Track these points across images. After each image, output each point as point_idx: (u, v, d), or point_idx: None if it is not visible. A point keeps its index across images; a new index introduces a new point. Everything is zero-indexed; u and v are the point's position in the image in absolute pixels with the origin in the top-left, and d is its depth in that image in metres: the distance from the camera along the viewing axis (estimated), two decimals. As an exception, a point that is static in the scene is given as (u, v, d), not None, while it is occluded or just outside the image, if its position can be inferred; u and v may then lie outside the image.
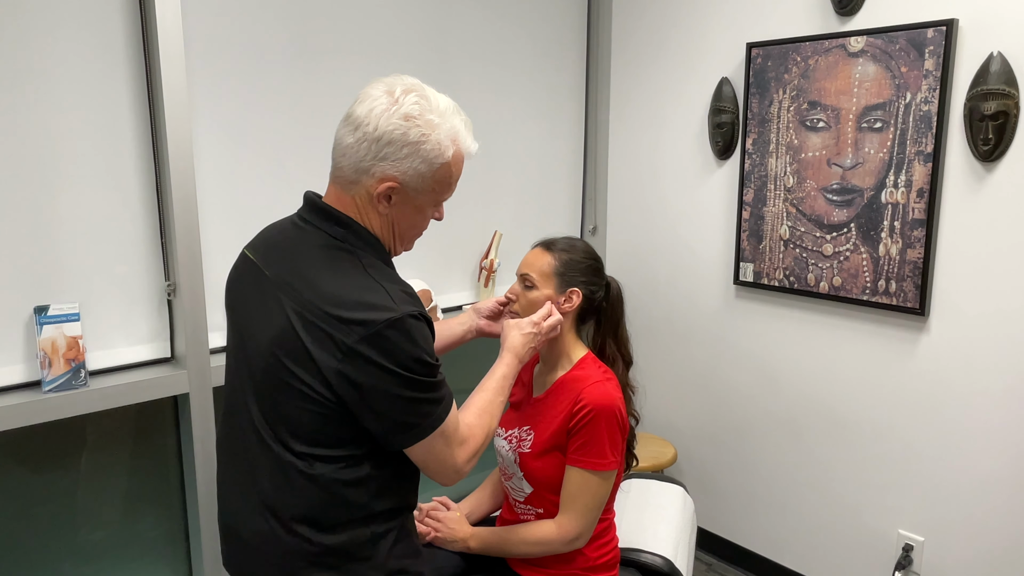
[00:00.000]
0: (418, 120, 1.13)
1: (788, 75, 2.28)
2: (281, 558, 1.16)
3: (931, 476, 2.15)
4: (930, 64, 1.98)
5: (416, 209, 1.20)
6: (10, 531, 1.82)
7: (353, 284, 1.11)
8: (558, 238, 1.62)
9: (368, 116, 1.12)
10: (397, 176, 1.13)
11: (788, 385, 2.45)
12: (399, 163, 1.13)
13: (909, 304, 2.09)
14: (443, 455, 1.18)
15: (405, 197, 1.16)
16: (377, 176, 1.13)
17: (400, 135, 1.12)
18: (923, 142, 2.01)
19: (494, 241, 2.59)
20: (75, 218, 1.76)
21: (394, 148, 1.12)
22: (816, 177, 2.25)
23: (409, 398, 1.11)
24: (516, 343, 1.44)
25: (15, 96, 1.64)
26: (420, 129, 1.13)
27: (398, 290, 1.12)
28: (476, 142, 1.24)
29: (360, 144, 1.13)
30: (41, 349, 1.71)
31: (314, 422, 1.12)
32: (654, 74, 2.71)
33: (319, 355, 1.08)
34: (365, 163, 1.13)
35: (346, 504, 1.15)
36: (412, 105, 1.13)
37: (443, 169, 1.17)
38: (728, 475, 2.68)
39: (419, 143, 1.13)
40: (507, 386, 1.39)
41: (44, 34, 1.67)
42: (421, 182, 1.15)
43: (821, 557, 2.44)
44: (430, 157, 1.14)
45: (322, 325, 1.08)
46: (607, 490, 1.54)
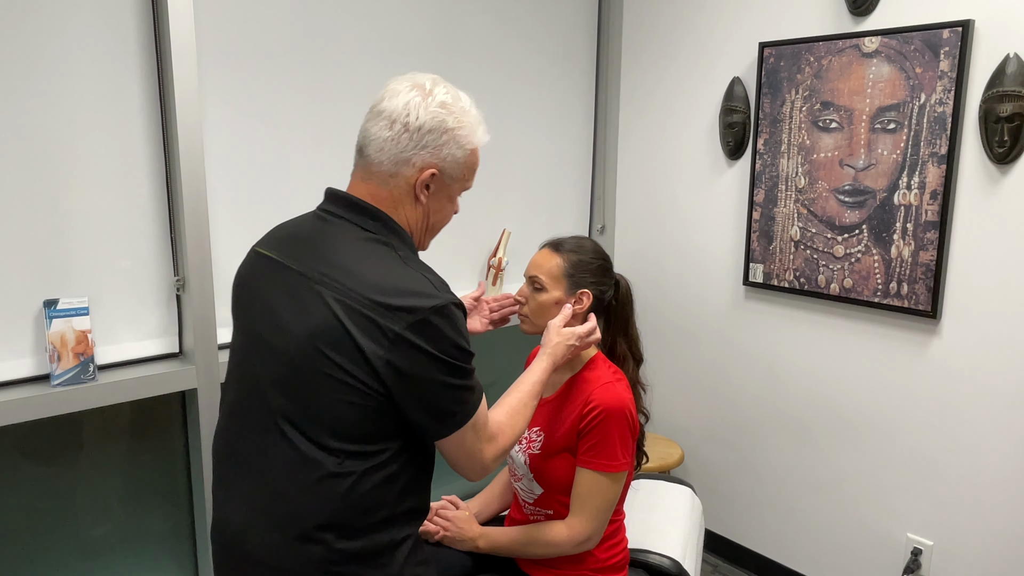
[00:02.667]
0: (453, 108, 1.19)
1: (801, 75, 2.26)
2: (295, 569, 1.13)
3: (941, 479, 2.14)
4: (945, 65, 1.96)
5: (448, 197, 1.25)
6: (18, 524, 1.82)
7: (394, 273, 1.13)
8: (566, 238, 1.61)
9: (406, 108, 1.16)
10: (437, 163, 1.18)
11: (797, 387, 2.44)
12: (439, 150, 1.18)
13: (921, 307, 2.08)
14: (473, 448, 1.20)
15: (441, 184, 1.21)
16: (418, 165, 1.17)
17: (439, 123, 1.17)
18: (937, 144, 2.00)
19: (502, 239, 2.58)
20: (85, 212, 1.75)
21: (434, 136, 1.17)
22: (828, 178, 2.24)
23: (450, 384, 1.13)
24: (558, 351, 1.45)
25: (26, 91, 1.64)
26: (456, 116, 1.19)
27: (437, 279, 1.16)
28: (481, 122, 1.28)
29: (400, 136, 1.16)
30: (50, 343, 1.71)
31: (354, 415, 1.11)
32: (665, 73, 2.70)
33: (366, 344, 1.08)
34: (406, 153, 1.17)
35: (371, 505, 1.14)
36: (445, 95, 1.20)
37: (472, 155, 1.23)
38: (735, 476, 2.67)
39: (455, 129, 1.18)
40: (540, 391, 1.39)
41: (56, 29, 1.66)
42: (456, 168, 1.21)
43: (828, 560, 2.43)
44: (464, 143, 1.20)
45: (368, 313, 1.08)
46: (618, 491, 1.53)
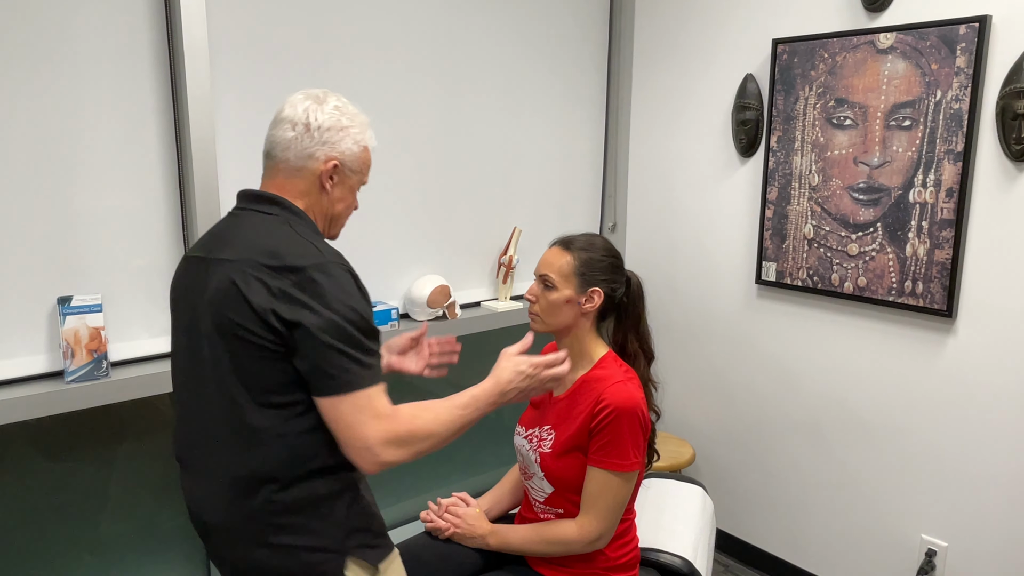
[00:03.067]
0: (345, 110, 1.34)
1: (815, 72, 2.24)
2: (247, 528, 1.22)
3: (956, 480, 2.11)
4: (962, 61, 1.94)
5: (349, 189, 1.36)
6: (30, 520, 1.84)
7: (284, 240, 1.23)
8: (576, 236, 1.60)
9: (305, 112, 1.31)
10: (338, 156, 1.32)
11: (810, 386, 2.42)
12: (338, 144, 1.31)
13: (936, 306, 2.06)
14: (353, 422, 1.17)
15: (343, 175, 1.34)
16: (322, 158, 1.30)
17: (336, 121, 1.32)
18: (953, 141, 1.98)
19: (513, 237, 2.58)
20: (98, 210, 1.77)
21: (332, 133, 1.31)
22: (842, 176, 2.22)
23: (329, 345, 1.16)
24: (503, 376, 1.35)
25: (40, 90, 1.65)
26: (348, 117, 1.33)
27: (327, 247, 1.25)
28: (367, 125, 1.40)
29: (303, 136, 1.30)
30: (64, 339, 1.72)
31: (266, 368, 1.19)
32: (677, 70, 2.69)
33: (257, 302, 1.17)
34: (310, 149, 1.30)
35: (302, 454, 1.21)
36: (336, 101, 1.35)
37: (366, 152, 1.36)
38: (747, 476, 2.65)
39: (350, 127, 1.33)
40: (473, 410, 1.29)
41: (69, 29, 1.67)
42: (354, 161, 1.34)
43: (841, 561, 2.41)
44: (358, 139, 1.34)
45: (257, 275, 1.18)
46: (629, 491, 1.53)
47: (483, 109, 2.47)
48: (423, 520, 1.67)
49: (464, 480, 2.77)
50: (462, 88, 2.40)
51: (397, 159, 2.27)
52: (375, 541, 1.29)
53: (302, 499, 1.21)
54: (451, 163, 2.42)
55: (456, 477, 2.75)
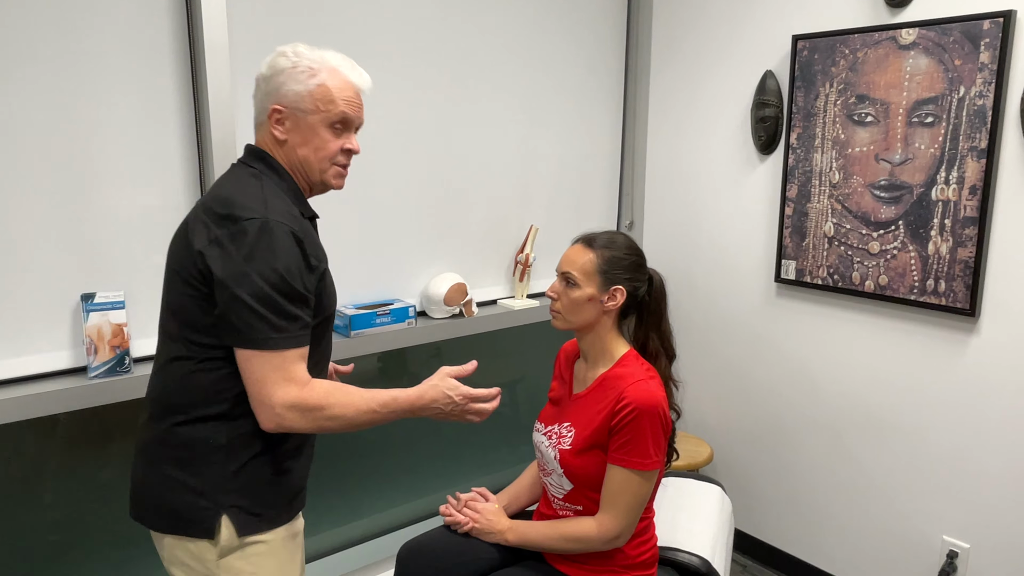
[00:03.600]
0: (287, 51, 1.31)
1: (835, 68, 2.22)
2: (149, 450, 1.30)
3: (978, 481, 2.09)
4: (986, 57, 1.92)
5: (309, 129, 1.31)
6: (54, 513, 1.86)
7: (240, 190, 1.26)
8: (599, 233, 1.59)
9: (260, 70, 1.33)
10: (278, 101, 1.30)
11: (830, 385, 2.40)
12: (278, 89, 1.30)
13: (959, 304, 2.03)
14: (262, 378, 1.20)
15: (295, 119, 1.31)
16: (267, 108, 1.31)
17: (274, 67, 1.31)
18: (977, 137, 1.96)
19: (530, 235, 2.58)
20: (120, 208, 1.79)
21: (274, 80, 1.30)
22: (863, 173, 2.20)
23: (238, 298, 1.18)
24: (430, 394, 1.33)
25: (63, 89, 1.67)
26: (289, 58, 1.30)
27: (279, 205, 1.25)
28: (365, 77, 1.37)
29: (257, 92, 1.34)
30: (87, 336, 1.74)
31: (192, 306, 1.24)
32: (695, 67, 2.67)
33: (194, 241, 1.23)
34: (262, 104, 1.33)
35: (203, 397, 1.25)
36: (286, 47, 1.33)
37: (320, 89, 1.30)
38: (765, 476, 2.64)
39: (290, 68, 1.29)
40: (389, 411, 1.28)
41: (92, 29, 1.69)
42: (302, 100, 1.29)
43: (860, 562, 2.39)
44: (303, 78, 1.29)
45: (204, 218, 1.24)
46: (649, 489, 1.52)
47: (501, 106, 2.47)
48: (442, 514, 1.68)
49: (481, 477, 2.77)
50: (480, 85, 2.40)
51: (415, 157, 2.27)
52: (257, 510, 1.28)
53: (198, 439, 1.25)
54: (468, 161, 2.42)
55: (473, 474, 2.76)
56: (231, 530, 1.26)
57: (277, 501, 1.32)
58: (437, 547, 1.62)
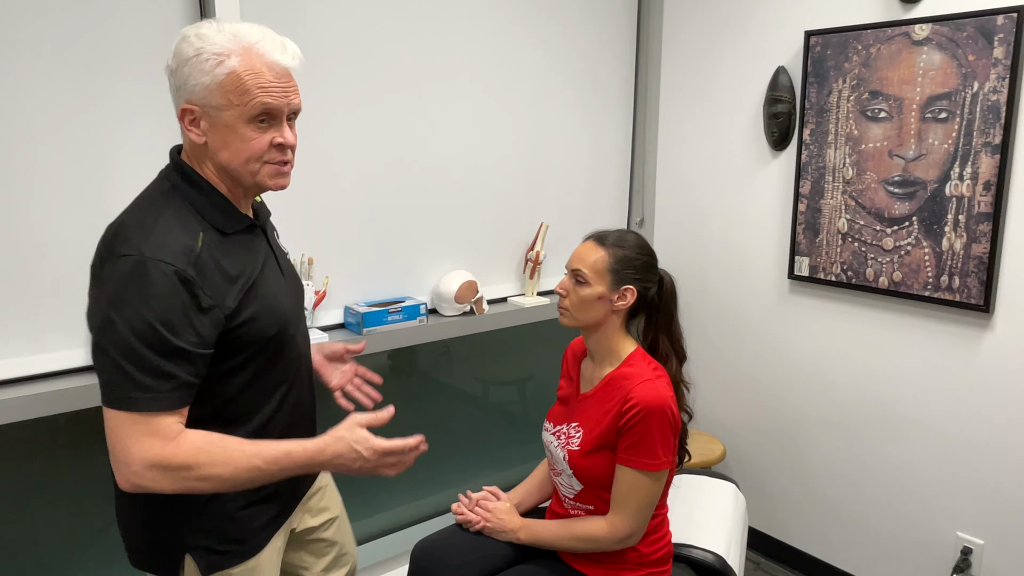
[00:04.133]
0: (190, 37, 1.09)
1: (848, 64, 2.21)
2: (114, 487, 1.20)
3: (993, 477, 2.08)
4: (999, 52, 1.90)
5: (227, 127, 1.11)
6: (61, 512, 1.87)
7: (134, 213, 1.12)
8: (610, 231, 1.58)
9: (168, 59, 1.13)
10: (188, 98, 1.10)
11: (843, 381, 2.39)
12: (185, 85, 1.09)
13: (973, 300, 2.02)
14: (120, 432, 1.04)
15: (208, 118, 1.11)
16: (179, 108, 1.12)
17: (179, 58, 1.09)
18: (991, 133, 1.94)
19: (540, 233, 2.58)
20: (136, 206, 1.79)
21: (180, 73, 1.09)
22: (877, 169, 2.19)
23: (101, 347, 1.04)
24: (335, 447, 1.15)
25: (76, 90, 1.68)
26: (192, 44, 1.08)
27: (168, 237, 1.07)
28: (291, 51, 1.16)
29: (170, 88, 1.13)
30: (102, 334, 1.75)
31: None
32: (706, 63, 2.67)
33: (91, 266, 1.12)
34: (174, 99, 1.13)
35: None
36: (189, 29, 1.11)
37: (231, 78, 1.08)
38: (778, 473, 2.63)
39: (193, 57, 1.08)
40: (280, 468, 1.11)
41: (104, 29, 1.70)
42: (211, 95, 1.09)
43: (874, 558, 2.38)
44: (208, 68, 1.08)
45: (100, 244, 1.12)
46: (659, 490, 1.52)
47: (511, 103, 2.47)
48: (454, 512, 1.68)
49: (491, 474, 2.78)
50: (491, 82, 2.40)
51: (426, 155, 2.27)
52: (221, 547, 1.19)
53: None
54: (479, 158, 2.42)
55: (484, 471, 2.76)
56: (195, 570, 1.19)
57: (245, 535, 1.22)
58: (451, 546, 1.62)
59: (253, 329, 1.15)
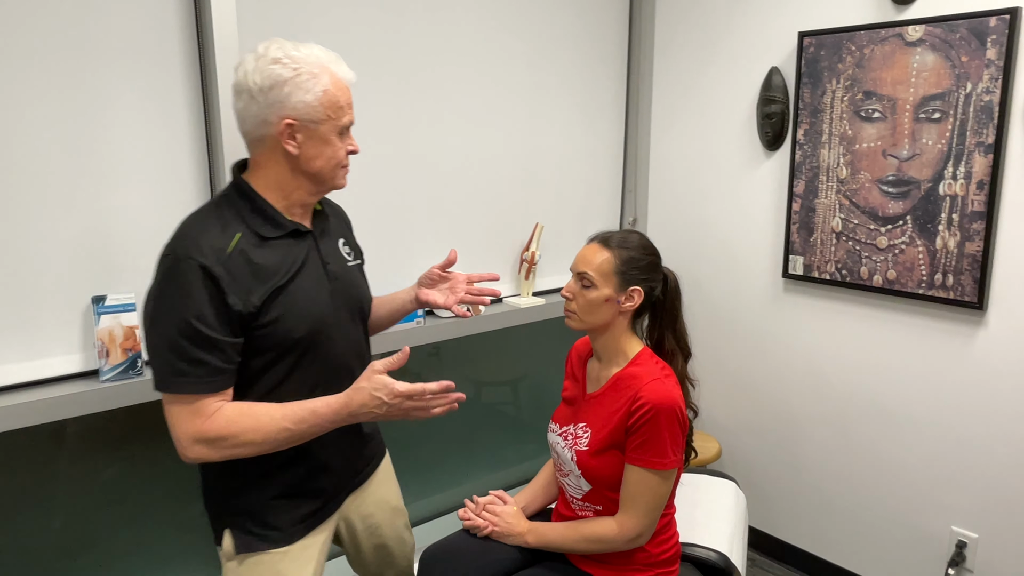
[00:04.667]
0: (284, 59, 1.22)
1: (842, 64, 2.23)
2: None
3: (986, 472, 2.11)
4: (992, 53, 1.93)
5: (322, 140, 1.27)
6: (63, 519, 1.84)
7: (188, 222, 1.25)
8: (614, 232, 1.58)
9: (245, 77, 1.23)
10: (289, 114, 1.23)
11: (838, 379, 2.42)
12: (286, 101, 1.22)
13: (967, 298, 2.05)
14: (169, 415, 1.22)
15: (307, 131, 1.25)
16: (274, 121, 1.23)
17: (275, 78, 1.21)
18: (984, 133, 1.97)
19: (535, 233, 2.57)
20: (130, 209, 1.77)
21: (276, 91, 1.21)
22: (871, 168, 2.21)
23: (151, 345, 1.20)
24: (357, 398, 1.23)
25: (71, 88, 1.65)
26: (290, 66, 1.22)
27: (206, 239, 1.20)
28: (351, 71, 1.31)
29: (249, 104, 1.23)
30: (99, 339, 1.72)
31: None
32: (699, 64, 2.68)
33: None
34: (262, 115, 1.23)
35: None
36: (277, 51, 1.23)
37: (327, 95, 1.24)
38: (774, 470, 2.65)
39: (293, 78, 1.21)
40: (309, 426, 1.22)
41: (100, 26, 1.67)
42: (312, 111, 1.24)
43: (870, 553, 2.41)
44: (308, 87, 1.22)
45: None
46: (668, 488, 1.52)
47: (504, 103, 2.47)
48: (461, 518, 1.67)
49: (486, 477, 2.77)
50: (483, 82, 2.39)
51: (420, 157, 2.26)
52: (255, 530, 1.33)
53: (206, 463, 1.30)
54: (473, 159, 2.41)
55: (479, 473, 2.75)
56: (231, 544, 1.34)
57: (279, 524, 1.34)
58: (459, 551, 1.61)
59: (279, 329, 1.25)
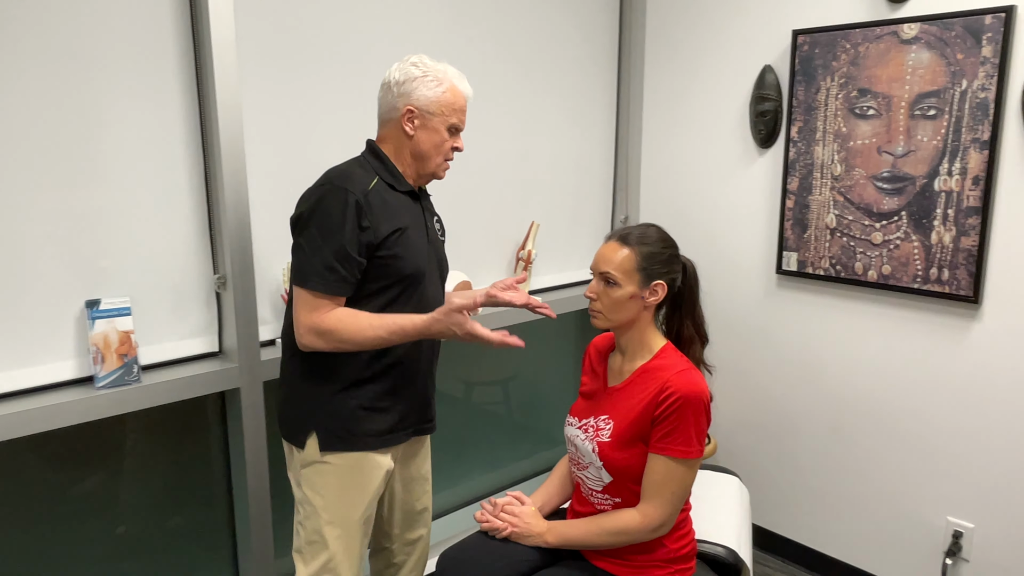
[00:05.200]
0: (417, 62, 1.58)
1: (836, 62, 2.26)
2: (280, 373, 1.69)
3: (982, 463, 2.15)
4: (987, 51, 1.97)
5: (433, 129, 1.58)
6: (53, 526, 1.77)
7: (341, 166, 1.57)
8: (632, 228, 1.58)
9: (389, 75, 1.60)
10: (412, 103, 1.56)
11: (833, 373, 2.44)
12: (412, 93, 1.56)
13: (962, 292, 2.09)
14: (296, 305, 1.50)
15: (423, 119, 1.57)
16: (400, 107, 1.57)
17: (408, 74, 1.57)
18: (979, 129, 2.01)
19: (531, 232, 2.56)
20: (123, 211, 1.71)
21: (406, 84, 1.56)
22: (865, 165, 2.24)
23: (297, 245, 1.50)
24: (434, 328, 1.49)
25: (64, 89, 1.59)
26: (421, 68, 1.57)
27: (355, 176, 1.51)
28: (470, 89, 1.63)
29: (387, 92, 1.60)
30: (93, 344, 1.66)
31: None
32: (690, 62, 2.69)
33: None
34: (392, 101, 1.58)
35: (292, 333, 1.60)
36: (415, 58, 1.60)
37: (447, 94, 1.57)
38: (770, 465, 2.67)
39: (422, 76, 1.56)
40: (399, 337, 1.48)
41: (92, 26, 1.61)
42: (430, 104, 1.56)
43: (867, 546, 2.45)
44: (432, 86, 1.56)
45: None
46: (692, 478, 1.52)
47: (497, 102, 2.45)
48: (478, 520, 1.65)
49: (479, 477, 2.75)
50: (479, 83, 2.37)
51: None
52: (340, 431, 1.56)
53: (298, 368, 1.59)
54: (468, 159, 2.38)
55: (474, 472, 2.73)
56: (315, 445, 1.56)
57: (356, 431, 1.57)
58: (477, 554, 1.59)
59: (394, 263, 1.53)
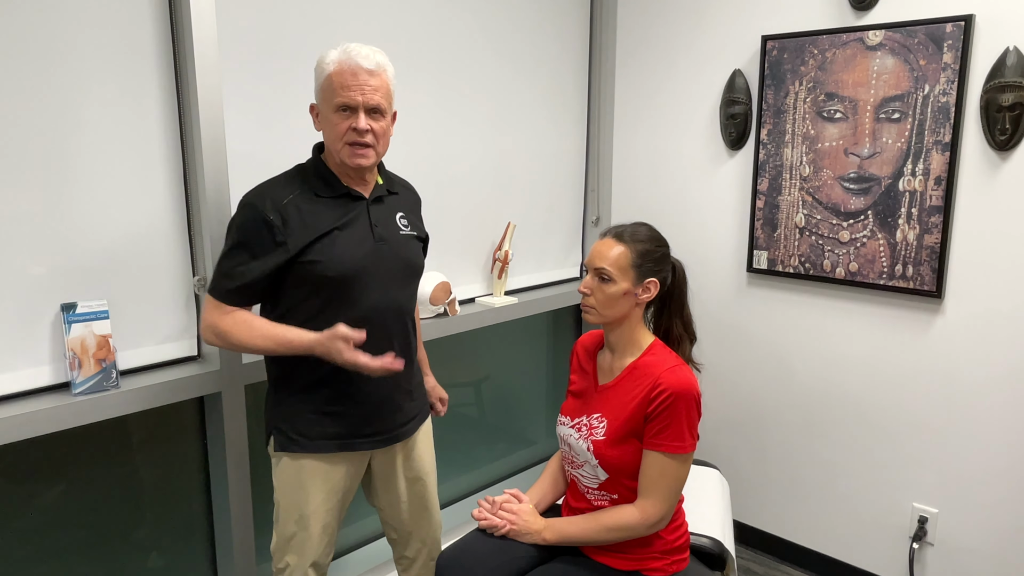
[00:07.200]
0: (320, 58, 1.55)
1: (805, 67, 2.34)
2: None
3: (944, 451, 2.25)
4: (948, 57, 2.07)
5: (326, 119, 1.55)
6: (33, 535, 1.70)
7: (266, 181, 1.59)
8: (625, 226, 1.61)
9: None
10: (315, 99, 1.58)
11: (802, 368, 2.52)
12: (315, 89, 1.57)
13: (926, 287, 2.19)
14: (203, 307, 1.57)
15: (320, 112, 1.57)
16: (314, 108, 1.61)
17: (314, 72, 1.57)
18: (941, 132, 2.11)
19: (508, 232, 2.56)
20: (100, 213, 1.66)
21: (315, 83, 1.57)
22: (833, 166, 2.32)
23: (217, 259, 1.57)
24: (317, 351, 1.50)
25: (41, 90, 1.54)
26: (318, 61, 1.55)
27: (272, 189, 1.54)
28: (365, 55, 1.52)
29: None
30: (70, 349, 1.61)
31: None
32: (661, 66, 2.74)
33: None
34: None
35: None
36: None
37: (326, 79, 1.52)
38: (742, 458, 2.74)
39: (315, 68, 1.56)
40: (285, 349, 1.51)
41: (71, 27, 1.56)
42: (319, 95, 1.56)
43: (837, 534, 2.53)
44: (317, 75, 1.55)
45: None
46: (686, 472, 1.55)
47: (470, 103, 2.45)
48: (476, 518, 1.65)
49: (457, 478, 2.74)
50: (453, 85, 2.37)
51: (394, 158, 2.22)
52: (292, 433, 1.61)
53: (271, 371, 1.65)
54: (443, 159, 2.38)
55: (453, 473, 2.72)
56: (273, 445, 1.64)
57: (308, 433, 1.61)
58: (476, 552, 1.59)
59: (313, 268, 1.52)
